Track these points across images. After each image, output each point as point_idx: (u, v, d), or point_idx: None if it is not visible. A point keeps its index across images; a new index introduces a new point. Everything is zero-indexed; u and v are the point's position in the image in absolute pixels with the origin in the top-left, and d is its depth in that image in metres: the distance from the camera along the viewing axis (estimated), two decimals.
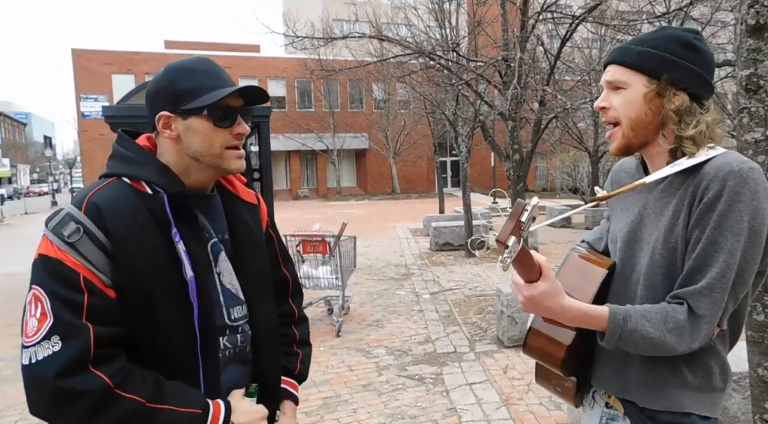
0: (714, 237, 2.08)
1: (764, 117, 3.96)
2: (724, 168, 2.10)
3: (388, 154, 56.68)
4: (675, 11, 12.53)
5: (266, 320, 2.40)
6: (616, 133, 2.32)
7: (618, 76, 2.29)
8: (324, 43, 12.86)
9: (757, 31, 3.86)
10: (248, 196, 2.46)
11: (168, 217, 2.04)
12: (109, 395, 1.88)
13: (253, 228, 2.41)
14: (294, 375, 2.65)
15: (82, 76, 49.95)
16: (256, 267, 2.39)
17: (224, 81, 2.16)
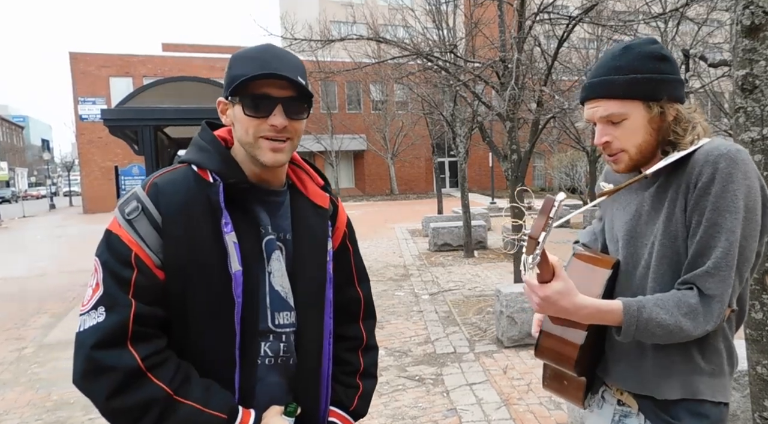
0: (713, 218, 2.13)
1: (760, 116, 3.98)
2: (714, 152, 2.17)
3: (386, 155, 56.65)
4: (671, 11, 12.53)
5: (315, 334, 2.24)
6: (621, 157, 2.34)
7: (613, 111, 2.28)
8: (321, 45, 12.84)
9: (753, 32, 3.88)
10: (320, 199, 2.32)
11: (220, 205, 2.00)
12: (137, 376, 1.87)
13: (318, 233, 2.27)
14: (348, 410, 2.40)
15: (80, 79, 49.87)
16: (311, 274, 2.23)
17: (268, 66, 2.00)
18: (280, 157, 2.07)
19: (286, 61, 2.04)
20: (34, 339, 10.56)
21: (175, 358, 1.97)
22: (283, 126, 2.02)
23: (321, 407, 2.28)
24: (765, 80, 3.93)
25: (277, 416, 2.08)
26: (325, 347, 2.26)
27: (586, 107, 2.37)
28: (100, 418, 6.41)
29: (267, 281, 2.11)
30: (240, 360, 2.03)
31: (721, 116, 23.90)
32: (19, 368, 8.96)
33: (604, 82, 2.29)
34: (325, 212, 2.30)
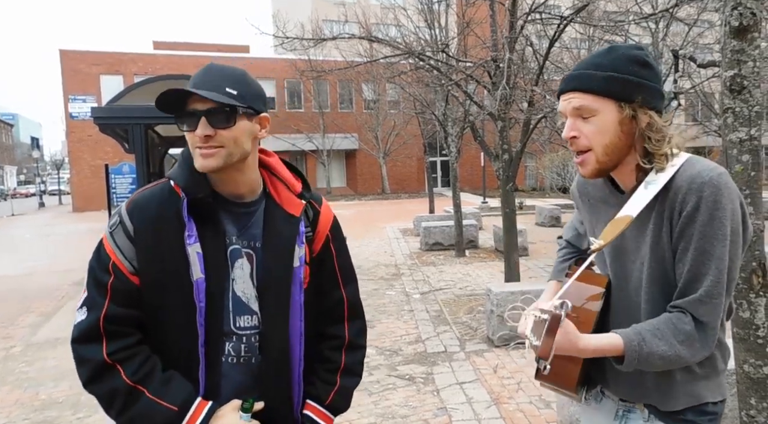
0: (702, 247, 2.15)
1: (748, 117, 4.00)
2: (697, 180, 2.17)
3: (378, 154, 56.65)
4: (662, 12, 12.57)
5: (275, 340, 2.36)
6: (588, 158, 2.32)
7: (586, 104, 2.27)
8: (314, 44, 12.84)
9: (741, 33, 3.90)
10: (292, 207, 2.43)
11: (183, 218, 2.21)
12: (105, 368, 2.14)
13: (285, 241, 2.38)
14: (324, 404, 2.52)
15: (70, 77, 49.74)
16: (277, 280, 2.36)
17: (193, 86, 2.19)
18: (208, 162, 2.19)
19: (212, 77, 2.21)
20: (22, 338, 10.54)
21: (145, 353, 2.23)
22: (206, 135, 2.16)
23: (294, 401, 2.44)
24: (753, 81, 3.95)
25: (232, 410, 2.25)
26: (294, 347, 2.40)
27: (561, 100, 2.36)
28: (88, 417, 6.40)
29: (230, 288, 2.31)
30: (204, 358, 2.25)
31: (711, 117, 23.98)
32: (6, 367, 8.95)
33: (581, 76, 2.29)
34: (296, 219, 2.40)
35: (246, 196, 2.38)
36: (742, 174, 4.07)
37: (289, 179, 2.47)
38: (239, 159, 2.27)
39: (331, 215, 2.60)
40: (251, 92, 2.28)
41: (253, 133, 2.32)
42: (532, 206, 33.10)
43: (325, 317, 2.57)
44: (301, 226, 2.41)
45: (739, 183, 4.03)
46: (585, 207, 2.71)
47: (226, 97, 2.17)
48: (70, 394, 7.75)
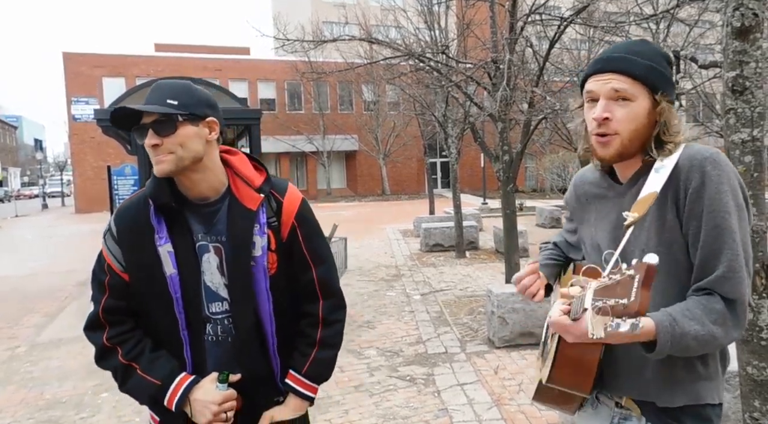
0: (713, 222, 2.15)
1: (750, 118, 4.00)
2: (697, 157, 2.20)
3: (378, 155, 56.66)
4: (663, 13, 12.57)
5: (243, 320, 2.66)
6: (613, 140, 2.29)
7: (626, 87, 2.25)
8: (314, 45, 12.83)
9: (743, 34, 3.90)
10: (249, 200, 2.65)
11: (151, 223, 2.58)
12: (106, 350, 2.63)
13: (244, 233, 2.62)
14: (301, 372, 2.77)
15: (73, 79, 49.77)
16: (239, 270, 2.64)
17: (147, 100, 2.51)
18: (161, 167, 2.49)
19: (157, 93, 2.52)
20: (27, 338, 10.57)
21: (138, 337, 2.66)
22: (153, 144, 2.46)
23: (275, 372, 2.77)
24: (755, 82, 3.95)
25: (210, 382, 2.60)
26: (266, 326, 2.70)
27: (594, 79, 2.33)
28: (91, 417, 6.46)
29: (201, 279, 2.66)
30: (188, 339, 2.64)
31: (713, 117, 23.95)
32: (11, 367, 8.97)
33: (625, 59, 2.28)
34: (253, 213, 2.64)
35: (210, 197, 2.67)
36: (745, 175, 4.06)
37: (248, 176, 2.71)
38: (192, 161, 2.54)
39: (297, 204, 2.78)
40: (193, 101, 2.55)
41: (201, 136, 2.56)
42: (532, 207, 33.08)
43: (301, 297, 2.83)
44: (261, 218, 2.65)
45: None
46: (581, 208, 2.71)
47: (166, 107, 2.46)
48: (74, 394, 7.79)
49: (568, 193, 2.82)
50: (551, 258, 2.94)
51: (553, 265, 2.91)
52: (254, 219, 2.63)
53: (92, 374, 8.39)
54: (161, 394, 2.56)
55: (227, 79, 52.23)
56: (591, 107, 2.35)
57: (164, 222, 2.59)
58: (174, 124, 2.47)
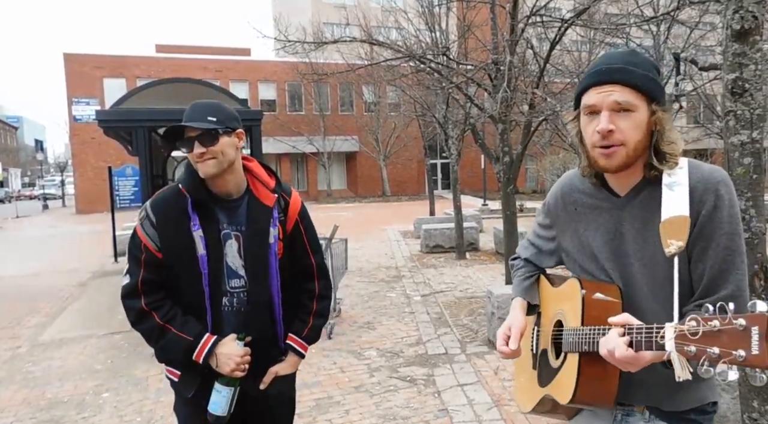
0: (725, 243, 2.21)
1: (750, 120, 4.02)
2: (711, 180, 2.24)
3: (379, 156, 56.62)
4: (663, 15, 12.57)
5: (257, 294, 3.31)
6: (619, 151, 2.28)
7: (628, 99, 2.25)
8: (315, 47, 12.82)
9: (742, 36, 3.92)
10: (266, 199, 3.33)
11: (189, 212, 3.19)
12: (144, 313, 3.21)
13: (261, 225, 3.29)
14: (301, 336, 3.48)
15: (74, 79, 49.75)
16: (256, 253, 3.29)
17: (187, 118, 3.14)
18: (207, 170, 3.14)
19: (197, 111, 3.16)
20: (29, 338, 10.58)
21: (170, 304, 3.25)
22: (200, 153, 3.10)
23: (278, 334, 3.44)
24: (754, 84, 3.97)
25: (231, 340, 3.23)
26: (274, 298, 3.36)
27: (594, 91, 2.32)
28: (93, 416, 6.51)
29: (224, 260, 3.26)
30: (210, 309, 3.24)
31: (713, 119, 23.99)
32: (13, 367, 8.98)
33: (624, 70, 2.28)
34: (269, 208, 3.32)
35: (233, 194, 3.31)
36: (744, 177, 4.08)
37: (265, 179, 3.39)
38: (228, 164, 3.19)
39: (299, 202, 3.54)
40: (227, 117, 3.20)
41: (234, 144, 3.23)
42: (532, 209, 33.09)
43: (301, 276, 3.53)
44: (275, 212, 3.33)
45: (741, 186, 4.05)
46: (568, 217, 2.68)
47: (208, 123, 3.10)
48: (75, 394, 7.79)
49: (551, 200, 2.80)
50: (528, 277, 2.94)
51: (532, 285, 2.91)
52: (270, 213, 3.31)
53: (93, 374, 8.41)
54: (193, 347, 3.16)
55: (228, 80, 52.25)
56: (591, 120, 2.35)
57: (197, 212, 3.20)
58: (216, 137, 3.12)
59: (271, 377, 3.41)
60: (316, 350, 9.11)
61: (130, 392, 7.64)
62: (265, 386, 3.39)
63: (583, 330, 2.35)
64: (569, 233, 2.67)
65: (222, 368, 3.19)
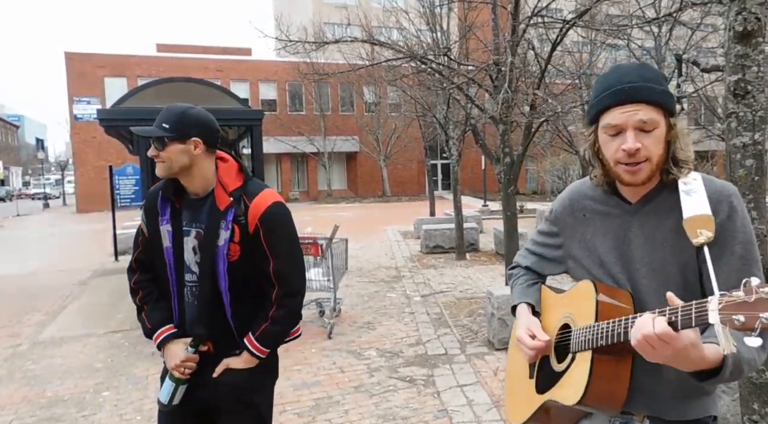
0: (741, 253, 2.24)
1: (752, 122, 4.02)
2: (724, 191, 2.28)
3: (379, 157, 56.62)
4: (665, 16, 12.57)
5: (206, 290, 3.44)
6: (644, 167, 2.29)
7: (652, 117, 2.26)
8: (315, 47, 12.82)
9: (745, 38, 3.92)
10: (221, 202, 3.41)
11: (158, 209, 3.50)
12: (132, 290, 3.67)
13: (213, 226, 3.40)
14: (254, 336, 3.47)
15: (75, 79, 49.76)
16: (206, 252, 3.42)
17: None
18: (157, 170, 3.38)
19: (161, 115, 3.35)
20: (29, 336, 10.58)
21: (151, 288, 3.64)
22: (152, 154, 3.35)
23: (232, 330, 3.51)
24: (757, 86, 3.97)
25: (181, 343, 3.50)
26: (224, 298, 3.45)
27: (618, 111, 2.30)
28: (93, 415, 6.53)
29: (183, 254, 3.48)
30: (176, 296, 3.53)
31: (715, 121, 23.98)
32: (14, 365, 8.99)
33: (646, 88, 2.27)
34: (221, 212, 3.40)
35: (199, 193, 3.48)
36: (746, 179, 4.08)
37: (225, 182, 3.46)
38: (180, 169, 3.37)
39: (263, 207, 3.43)
40: (184, 124, 3.33)
41: (187, 151, 3.34)
42: (533, 210, 33.09)
43: (264, 281, 3.51)
44: (228, 215, 3.38)
45: (743, 188, 4.04)
46: (576, 223, 2.68)
47: (160, 130, 3.30)
48: (75, 392, 7.80)
49: (559, 207, 2.79)
50: (532, 285, 2.94)
51: (535, 291, 2.90)
52: (221, 216, 3.39)
53: (93, 372, 8.41)
54: (149, 334, 3.57)
55: (229, 80, 52.25)
56: (614, 138, 2.33)
57: (168, 208, 3.48)
58: (164, 143, 3.31)
59: (222, 368, 3.50)
60: (315, 349, 9.13)
61: (129, 390, 7.64)
62: (216, 374, 3.50)
63: (600, 325, 2.32)
64: (577, 239, 2.67)
65: (167, 361, 3.51)
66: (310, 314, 11.15)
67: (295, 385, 7.74)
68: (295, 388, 7.64)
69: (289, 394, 7.46)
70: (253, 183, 3.53)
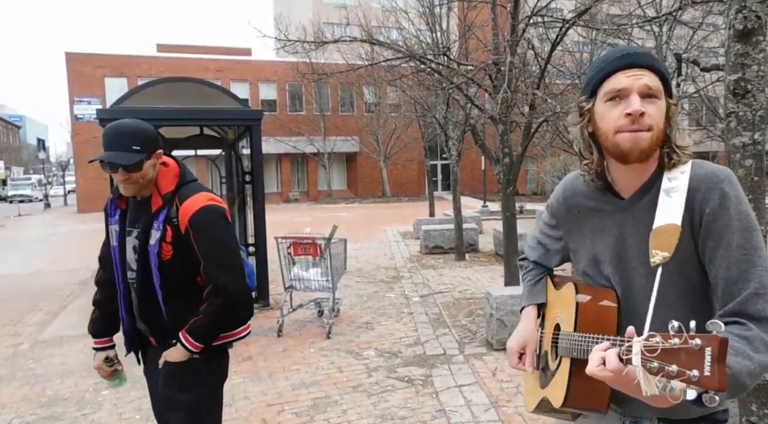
0: (738, 241, 2.11)
1: (752, 121, 4.00)
2: (713, 178, 2.17)
3: (379, 157, 56.60)
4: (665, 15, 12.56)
5: (140, 287, 3.68)
6: (647, 136, 2.19)
7: (657, 84, 2.20)
8: (315, 46, 12.81)
9: (745, 36, 3.90)
10: (155, 204, 3.61)
11: (108, 209, 3.83)
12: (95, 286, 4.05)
13: (146, 226, 3.60)
14: (186, 329, 3.60)
15: (76, 79, 49.75)
16: (141, 252, 3.61)
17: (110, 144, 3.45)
18: (126, 191, 3.58)
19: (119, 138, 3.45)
20: (30, 336, 10.62)
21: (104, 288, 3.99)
22: (125, 178, 3.46)
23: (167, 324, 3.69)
24: (757, 85, 3.95)
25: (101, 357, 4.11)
26: (157, 294, 3.64)
27: (623, 74, 2.23)
28: (93, 413, 6.54)
29: (126, 253, 3.72)
30: (122, 289, 3.82)
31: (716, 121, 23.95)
32: (15, 364, 9.02)
33: (650, 56, 2.25)
34: (152, 213, 3.59)
35: (144, 196, 3.66)
36: (745, 179, 4.07)
37: (161, 185, 3.64)
38: (147, 182, 3.57)
39: (192, 211, 3.56)
40: (147, 139, 3.51)
41: (154, 164, 3.57)
42: (532, 210, 33.15)
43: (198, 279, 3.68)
44: (159, 217, 3.56)
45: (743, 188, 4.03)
46: (572, 220, 2.65)
47: (134, 154, 3.42)
48: (75, 391, 7.84)
49: (554, 202, 2.76)
50: (537, 282, 2.91)
51: (541, 289, 2.88)
52: (153, 218, 3.58)
53: (93, 371, 8.34)
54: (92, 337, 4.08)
55: (228, 80, 52.27)
56: (616, 105, 2.24)
57: (117, 209, 3.77)
58: (141, 165, 3.47)
59: (163, 360, 3.70)
60: (314, 349, 9.14)
61: (129, 389, 7.60)
62: (159, 366, 3.72)
63: (574, 336, 2.34)
64: (574, 235, 2.65)
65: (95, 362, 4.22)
66: (309, 314, 11.16)
67: (293, 385, 7.73)
68: (293, 388, 7.64)
69: (288, 394, 7.45)
70: (189, 187, 3.70)
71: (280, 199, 56.39)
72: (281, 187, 58.03)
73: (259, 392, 7.55)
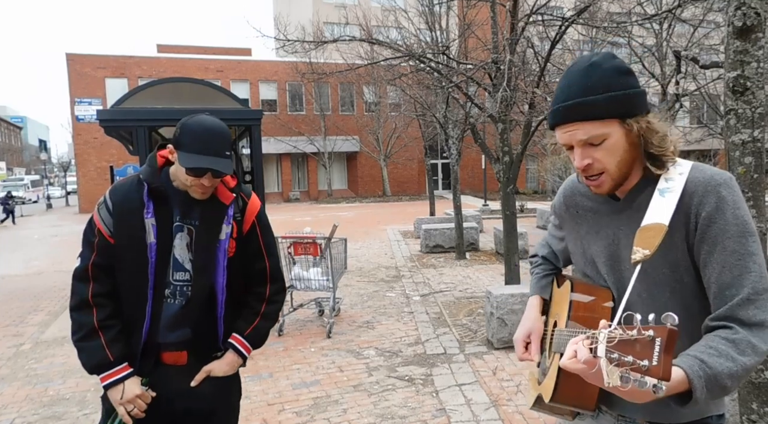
0: (731, 247, 2.09)
1: (751, 118, 3.99)
2: (711, 182, 2.14)
3: (379, 156, 56.59)
4: (665, 12, 12.55)
5: (200, 289, 3.29)
6: (604, 180, 2.26)
7: (594, 133, 2.18)
8: (315, 46, 12.80)
9: (744, 33, 3.89)
10: (224, 197, 3.34)
11: (143, 200, 3.19)
12: (86, 304, 3.20)
13: (214, 221, 3.31)
14: (243, 335, 3.43)
15: (76, 80, 49.70)
16: (204, 249, 3.30)
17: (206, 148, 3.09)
18: (203, 196, 3.25)
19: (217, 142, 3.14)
20: (32, 336, 10.65)
21: (112, 308, 3.24)
22: (208, 185, 3.17)
23: (219, 333, 3.39)
24: (756, 82, 3.95)
25: (135, 382, 3.20)
26: (218, 297, 3.34)
27: (559, 132, 2.29)
28: (94, 413, 6.51)
29: (172, 251, 3.27)
30: (152, 298, 3.22)
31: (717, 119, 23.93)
32: (16, 364, 9.04)
33: (579, 105, 2.20)
34: (225, 206, 3.33)
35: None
36: (745, 176, 4.06)
37: (226, 178, 3.36)
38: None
39: (258, 206, 3.51)
40: (231, 144, 3.27)
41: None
42: (533, 209, 33.09)
43: (253, 278, 3.51)
44: (230, 210, 3.34)
45: (742, 186, 4.02)
46: (571, 219, 2.66)
47: (228, 159, 3.16)
48: (77, 391, 7.85)
49: (557, 202, 2.78)
50: (545, 276, 2.92)
51: (548, 283, 2.89)
52: (225, 211, 3.33)
53: None
54: (107, 367, 3.17)
55: (229, 80, 52.27)
56: (570, 152, 2.33)
57: (152, 201, 3.21)
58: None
59: (204, 376, 3.32)
60: (315, 349, 9.13)
61: None
62: (196, 383, 3.31)
63: (563, 332, 2.38)
64: (573, 235, 2.65)
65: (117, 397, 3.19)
66: (309, 313, 11.16)
67: (294, 384, 7.74)
68: (294, 387, 7.64)
69: (288, 393, 7.45)
70: (243, 185, 3.56)
71: (281, 198, 56.38)
72: (281, 186, 58.02)
73: (259, 391, 7.54)
